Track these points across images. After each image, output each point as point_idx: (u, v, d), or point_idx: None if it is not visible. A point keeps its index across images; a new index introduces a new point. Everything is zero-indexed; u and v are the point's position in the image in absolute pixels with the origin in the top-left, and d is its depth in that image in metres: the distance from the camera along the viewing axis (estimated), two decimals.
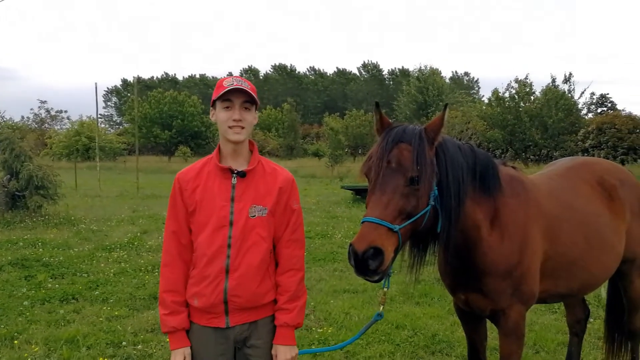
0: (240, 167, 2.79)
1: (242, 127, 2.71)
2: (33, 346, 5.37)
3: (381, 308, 3.23)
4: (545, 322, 6.23)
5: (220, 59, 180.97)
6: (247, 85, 2.72)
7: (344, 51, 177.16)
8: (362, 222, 2.70)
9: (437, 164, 2.91)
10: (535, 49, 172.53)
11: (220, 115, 2.72)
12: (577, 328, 4.78)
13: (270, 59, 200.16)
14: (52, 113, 62.22)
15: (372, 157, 2.88)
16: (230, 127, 2.69)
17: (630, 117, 34.43)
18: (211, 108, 2.81)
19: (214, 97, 2.74)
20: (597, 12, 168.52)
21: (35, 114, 62.05)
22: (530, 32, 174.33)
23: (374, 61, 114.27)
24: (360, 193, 18.83)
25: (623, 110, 40.42)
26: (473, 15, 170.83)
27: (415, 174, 2.74)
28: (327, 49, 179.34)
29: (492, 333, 4.55)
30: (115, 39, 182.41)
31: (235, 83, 2.69)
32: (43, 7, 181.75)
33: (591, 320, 5.55)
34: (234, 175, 2.75)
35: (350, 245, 2.64)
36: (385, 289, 3.07)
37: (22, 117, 62.94)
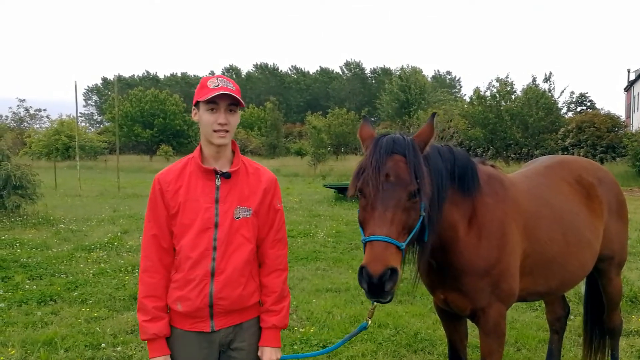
0: (223, 168, 2.72)
1: (227, 131, 2.64)
2: (9, 349, 5.28)
3: (369, 322, 3.20)
4: (527, 320, 6.28)
5: (202, 57, 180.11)
6: (232, 87, 2.63)
7: (327, 50, 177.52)
8: (369, 241, 2.57)
9: None
10: (516, 48, 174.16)
11: (204, 118, 2.63)
12: (558, 325, 4.82)
13: (252, 58, 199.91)
14: (31, 112, 61.23)
15: (364, 170, 2.72)
16: (215, 131, 2.62)
17: (609, 116, 34.91)
18: (193, 107, 2.71)
19: (198, 98, 2.64)
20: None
21: (14, 113, 61.00)
22: (511, 32, 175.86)
23: (357, 60, 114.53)
24: (342, 192, 18.80)
25: (602, 109, 40.87)
26: (456, 14, 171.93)
27: (415, 188, 2.66)
28: (309, 47, 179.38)
29: (474, 331, 4.57)
30: (96, 37, 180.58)
31: (220, 85, 2.60)
32: (22, 3, 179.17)
33: (571, 317, 5.60)
34: (218, 176, 2.69)
35: (362, 267, 2.52)
36: (375, 304, 3.03)
37: (0, 116, 61.81)
